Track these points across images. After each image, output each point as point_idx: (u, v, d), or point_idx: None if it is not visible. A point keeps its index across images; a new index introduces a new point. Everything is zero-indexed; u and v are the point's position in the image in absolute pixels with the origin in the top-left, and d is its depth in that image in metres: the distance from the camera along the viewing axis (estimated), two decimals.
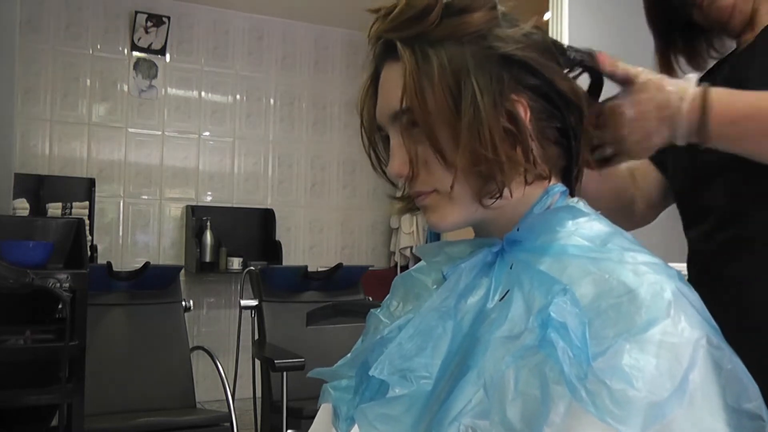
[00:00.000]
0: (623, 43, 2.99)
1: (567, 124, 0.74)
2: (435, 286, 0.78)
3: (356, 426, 0.71)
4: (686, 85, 0.79)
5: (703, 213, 1.00)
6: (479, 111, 0.67)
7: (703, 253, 1.01)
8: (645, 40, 1.09)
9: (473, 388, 0.63)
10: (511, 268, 0.71)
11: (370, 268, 3.83)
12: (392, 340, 0.71)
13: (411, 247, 5.16)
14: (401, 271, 5.23)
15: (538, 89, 0.72)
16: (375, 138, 0.79)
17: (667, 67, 1.06)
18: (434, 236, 4.84)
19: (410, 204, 0.80)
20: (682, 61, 1.06)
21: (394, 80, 0.72)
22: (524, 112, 0.70)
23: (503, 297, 0.69)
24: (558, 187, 0.74)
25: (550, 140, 0.74)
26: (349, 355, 0.81)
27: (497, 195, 0.70)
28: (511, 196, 0.71)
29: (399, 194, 0.83)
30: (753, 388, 0.60)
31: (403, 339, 0.70)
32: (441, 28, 0.70)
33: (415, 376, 0.68)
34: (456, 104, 0.68)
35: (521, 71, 0.71)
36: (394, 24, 0.71)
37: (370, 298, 3.35)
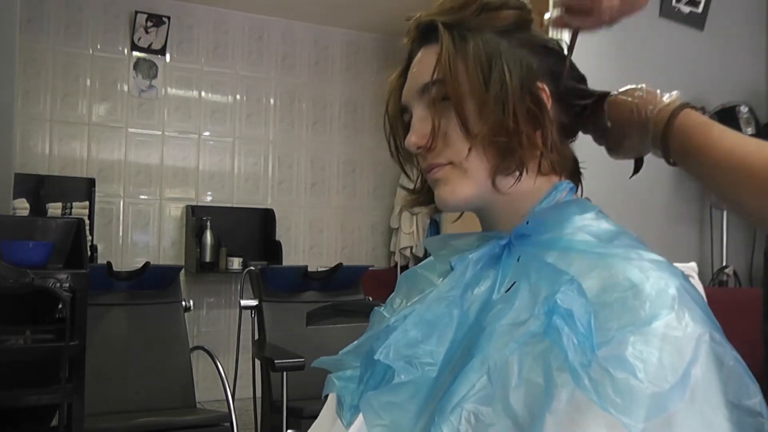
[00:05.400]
0: (623, 44, 3.00)
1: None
2: (441, 280, 0.78)
3: (360, 415, 0.71)
4: (665, 97, 0.78)
5: None
6: (506, 85, 0.71)
7: None
8: (644, 40, 1.10)
9: (477, 374, 0.63)
10: (518, 260, 0.72)
11: (370, 268, 3.83)
12: (397, 327, 0.72)
13: (411, 247, 5.16)
14: (401, 271, 5.24)
15: (559, 86, 0.76)
16: (397, 125, 0.82)
17: None
18: (435, 234, 4.84)
19: (420, 197, 0.82)
20: None
21: (428, 60, 0.75)
22: (548, 101, 0.73)
23: (509, 288, 0.70)
24: (566, 184, 0.76)
25: (565, 137, 0.77)
26: (353, 343, 0.81)
27: (513, 173, 0.72)
28: (527, 172, 0.72)
29: (411, 186, 0.85)
30: (753, 385, 0.61)
31: (408, 326, 0.71)
32: (479, 18, 0.74)
33: (420, 362, 0.69)
34: (486, 80, 0.71)
35: (549, 64, 0.75)
36: (437, 10, 0.76)
37: (370, 298, 3.35)
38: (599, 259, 0.67)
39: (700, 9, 2.93)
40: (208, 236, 4.70)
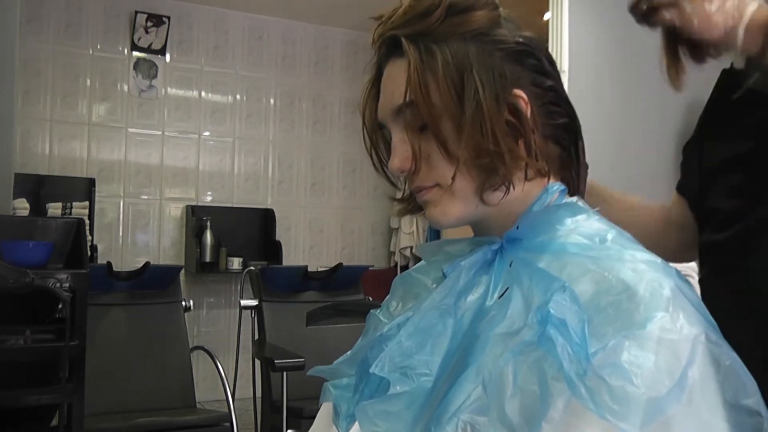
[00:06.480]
0: (623, 43, 3.00)
1: (567, 122, 0.75)
2: (435, 285, 0.78)
3: (356, 424, 0.71)
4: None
5: (709, 214, 1.01)
6: (481, 104, 0.68)
7: (711, 252, 1.01)
8: (644, 40, 1.09)
9: (472, 384, 0.63)
10: (510, 265, 0.71)
11: (370, 268, 3.83)
12: (392, 337, 0.71)
13: (411, 247, 5.16)
14: (401, 271, 5.21)
15: (538, 86, 0.73)
16: (377, 138, 0.80)
17: (673, 57, 1.06)
18: (434, 236, 4.84)
19: (411, 205, 0.81)
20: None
21: (397, 76, 0.73)
22: (526, 107, 0.71)
23: (502, 294, 0.69)
24: (557, 185, 0.75)
25: (549, 138, 0.74)
26: (348, 352, 0.81)
27: (500, 188, 0.71)
28: (513, 188, 0.71)
29: (400, 195, 0.84)
30: (751, 384, 0.60)
31: (403, 337, 0.71)
32: (445, 25, 0.71)
33: (415, 373, 0.68)
34: (459, 98, 0.69)
35: (522, 68, 0.72)
36: (398, 22, 0.73)
37: (370, 298, 3.35)
38: (592, 261, 0.66)
39: None
40: (208, 236, 4.70)
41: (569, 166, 0.77)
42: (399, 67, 0.72)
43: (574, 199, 0.75)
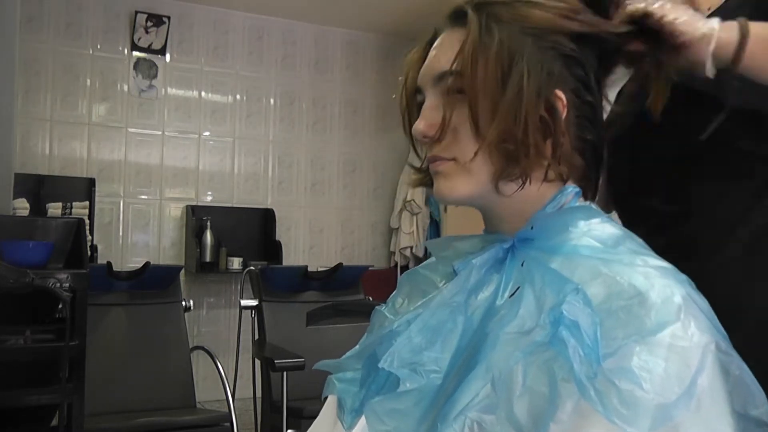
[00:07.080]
0: None
1: (595, 142, 0.75)
2: (443, 282, 0.78)
3: (362, 419, 0.71)
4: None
5: (643, 213, 1.01)
6: (522, 92, 0.69)
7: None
8: None
9: (481, 382, 0.63)
10: (522, 265, 0.71)
11: (370, 268, 3.83)
12: (401, 333, 0.71)
13: (411, 247, 5.15)
14: (401, 271, 5.22)
15: (579, 97, 0.73)
16: (412, 103, 0.80)
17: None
18: (434, 236, 4.83)
19: (427, 177, 0.81)
20: None
21: (450, 44, 0.73)
22: (563, 109, 0.71)
23: (513, 293, 0.69)
24: (572, 188, 0.75)
25: (577, 149, 0.74)
26: (357, 347, 0.81)
27: (516, 180, 0.71)
28: (530, 183, 0.71)
29: (419, 165, 0.84)
30: (760, 394, 0.60)
31: (412, 332, 0.71)
32: (511, 9, 0.72)
33: (425, 370, 0.68)
34: (504, 80, 0.70)
35: (570, 74, 0.73)
36: None
37: (370, 298, 3.35)
38: (604, 264, 0.66)
39: None
40: (208, 236, 4.70)
41: (588, 181, 0.77)
42: (453, 37, 0.73)
43: (588, 202, 0.75)
